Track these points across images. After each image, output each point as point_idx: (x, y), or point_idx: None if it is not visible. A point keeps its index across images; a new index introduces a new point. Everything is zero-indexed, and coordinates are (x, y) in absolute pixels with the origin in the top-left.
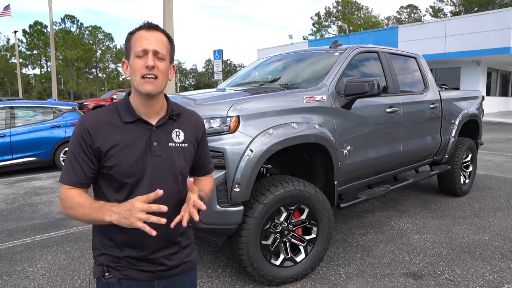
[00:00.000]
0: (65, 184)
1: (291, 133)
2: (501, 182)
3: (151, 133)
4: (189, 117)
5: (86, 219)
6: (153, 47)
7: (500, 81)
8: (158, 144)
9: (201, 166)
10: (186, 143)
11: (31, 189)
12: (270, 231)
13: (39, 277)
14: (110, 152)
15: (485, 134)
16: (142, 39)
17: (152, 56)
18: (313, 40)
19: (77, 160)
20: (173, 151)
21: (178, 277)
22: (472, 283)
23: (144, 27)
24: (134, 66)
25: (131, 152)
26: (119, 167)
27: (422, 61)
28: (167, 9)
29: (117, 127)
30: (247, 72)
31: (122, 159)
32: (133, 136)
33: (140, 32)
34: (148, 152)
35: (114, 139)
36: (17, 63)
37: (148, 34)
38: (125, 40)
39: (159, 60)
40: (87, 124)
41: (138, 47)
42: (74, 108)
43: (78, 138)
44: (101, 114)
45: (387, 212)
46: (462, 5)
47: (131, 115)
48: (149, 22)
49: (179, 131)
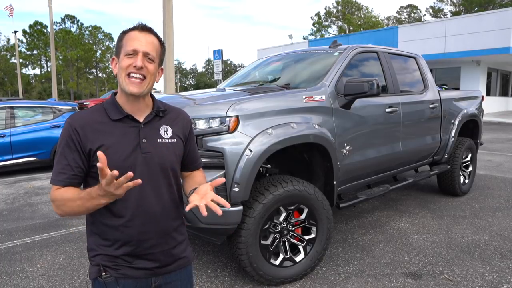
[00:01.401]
0: (55, 185)
1: (290, 133)
2: (501, 182)
3: (139, 130)
4: (175, 114)
5: (82, 209)
6: (144, 49)
7: (500, 81)
8: (147, 140)
9: (192, 161)
10: (175, 139)
11: (31, 189)
12: (270, 231)
13: (39, 277)
14: (99, 150)
15: (485, 134)
16: (134, 40)
17: (142, 57)
18: (313, 40)
19: (66, 160)
20: (162, 147)
21: (174, 273)
22: (471, 283)
23: (137, 28)
24: (122, 63)
25: (120, 149)
26: (109, 165)
27: (421, 61)
28: (167, 9)
29: (105, 125)
30: (247, 72)
31: (111, 157)
32: (122, 134)
33: (133, 32)
34: (137, 149)
35: (103, 138)
36: (17, 63)
37: (140, 36)
38: (118, 38)
39: (149, 61)
40: (75, 124)
41: (129, 47)
42: (74, 108)
43: (66, 138)
44: (88, 114)
45: (387, 212)
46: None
47: (118, 112)
48: (143, 24)
49: (166, 127)
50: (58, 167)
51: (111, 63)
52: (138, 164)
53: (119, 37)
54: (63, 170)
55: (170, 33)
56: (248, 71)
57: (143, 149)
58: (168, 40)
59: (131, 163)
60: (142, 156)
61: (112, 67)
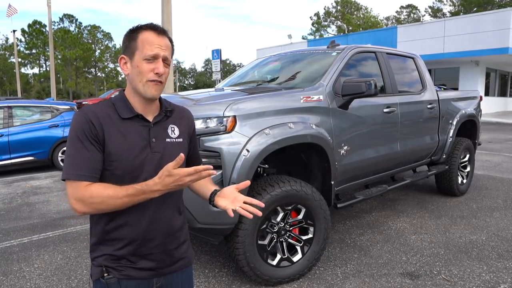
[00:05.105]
0: (79, 180)
1: (287, 133)
2: (499, 182)
3: (149, 129)
4: (180, 113)
5: (122, 206)
6: (163, 53)
7: (498, 81)
8: (156, 140)
9: (194, 159)
10: (181, 138)
11: (29, 189)
12: (267, 231)
13: (36, 277)
14: (110, 147)
15: (483, 134)
16: (153, 44)
17: (161, 63)
18: (312, 40)
19: (82, 153)
20: (170, 146)
21: (175, 274)
22: (468, 283)
23: (154, 30)
24: (142, 68)
25: (131, 148)
26: (119, 163)
27: (419, 61)
28: (166, 9)
29: (116, 122)
30: (245, 72)
31: (122, 154)
32: (132, 132)
33: (150, 34)
34: (147, 148)
35: (115, 134)
36: (16, 62)
37: (159, 40)
38: (128, 36)
39: (166, 65)
40: (90, 115)
41: (148, 51)
42: (72, 108)
43: (83, 128)
44: (100, 107)
45: (385, 212)
46: (461, 5)
47: (129, 111)
48: (159, 26)
49: (174, 127)
50: (74, 162)
51: (119, 62)
52: (147, 163)
53: (131, 36)
54: (84, 163)
55: (169, 32)
56: (247, 71)
57: (153, 148)
58: None
59: (140, 161)
60: (151, 155)
61: (121, 66)
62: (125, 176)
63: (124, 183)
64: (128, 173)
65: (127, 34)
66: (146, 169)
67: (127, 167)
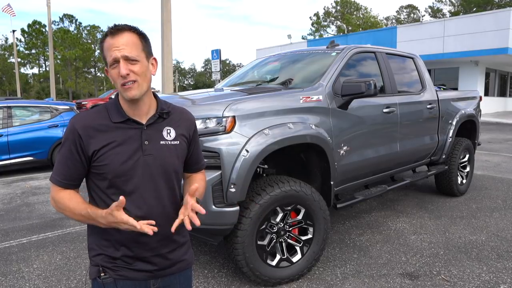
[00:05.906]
0: (55, 184)
1: (287, 133)
2: (499, 182)
3: (141, 132)
4: (179, 115)
5: (80, 221)
6: (121, 53)
7: (498, 82)
8: (149, 142)
9: (194, 163)
10: (178, 141)
11: (28, 189)
12: (266, 231)
13: (35, 278)
14: (101, 152)
15: (483, 135)
16: (110, 48)
17: (124, 63)
18: (312, 40)
19: (67, 162)
20: (164, 149)
21: (174, 276)
22: (468, 284)
23: (110, 33)
24: (112, 76)
25: (122, 151)
26: (110, 166)
27: (419, 61)
28: (165, 9)
29: (107, 127)
30: (245, 72)
31: (113, 158)
32: (124, 136)
33: (106, 40)
34: (139, 151)
35: (105, 139)
36: (16, 62)
37: (114, 41)
38: (100, 48)
39: (132, 63)
40: (78, 125)
41: (109, 57)
42: (72, 108)
43: (69, 140)
44: (91, 115)
45: (384, 212)
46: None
47: (120, 115)
48: (113, 25)
49: (170, 129)
50: (59, 166)
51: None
52: (139, 166)
53: (100, 47)
54: (63, 171)
55: (169, 32)
56: (246, 71)
57: (145, 151)
58: (166, 39)
59: (131, 165)
60: (143, 158)
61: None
62: (117, 179)
63: (116, 186)
64: (120, 176)
65: (99, 46)
66: (137, 172)
67: (117, 171)
